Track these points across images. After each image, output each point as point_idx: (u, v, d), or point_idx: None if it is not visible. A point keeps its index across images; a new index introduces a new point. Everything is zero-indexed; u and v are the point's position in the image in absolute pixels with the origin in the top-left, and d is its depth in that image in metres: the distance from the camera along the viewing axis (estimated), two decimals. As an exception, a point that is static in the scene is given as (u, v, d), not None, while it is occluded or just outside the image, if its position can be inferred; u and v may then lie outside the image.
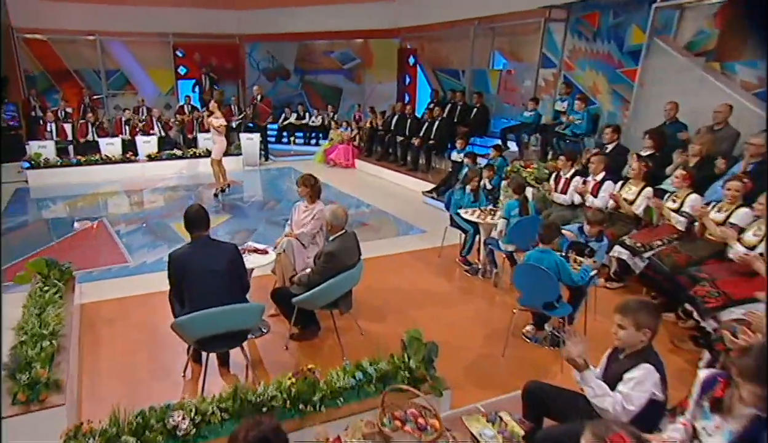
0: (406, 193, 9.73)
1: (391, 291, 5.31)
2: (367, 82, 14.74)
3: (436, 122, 10.26)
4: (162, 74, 14.69)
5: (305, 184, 4.85)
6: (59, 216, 8.07)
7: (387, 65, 13.99)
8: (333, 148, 12.57)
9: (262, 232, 7.25)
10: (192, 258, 3.24)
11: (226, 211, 8.43)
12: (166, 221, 7.72)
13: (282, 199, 9.27)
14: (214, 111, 8.95)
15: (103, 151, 10.99)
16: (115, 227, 7.44)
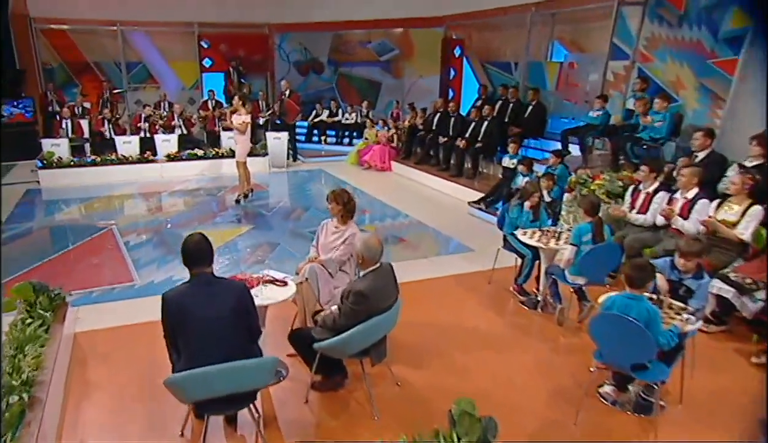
0: (449, 202, 9.13)
1: (432, 326, 4.74)
2: (406, 76, 14.19)
3: (484, 122, 9.61)
4: (186, 67, 14.56)
5: (337, 200, 4.35)
6: (67, 222, 7.85)
7: (429, 57, 13.41)
8: (368, 149, 12.08)
9: (286, 247, 6.79)
10: (190, 301, 2.77)
11: (248, 220, 8.04)
12: (180, 231, 7.36)
13: (310, 206, 8.82)
14: (238, 108, 8.59)
15: (120, 150, 10.82)
16: (125, 237, 7.14)
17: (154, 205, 8.86)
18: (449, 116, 10.76)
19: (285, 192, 10.20)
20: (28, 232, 7.36)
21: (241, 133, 8.68)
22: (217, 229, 7.50)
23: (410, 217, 8.17)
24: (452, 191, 9.50)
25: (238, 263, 6.22)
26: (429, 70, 13.56)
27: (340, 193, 4.39)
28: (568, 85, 9.57)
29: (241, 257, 6.44)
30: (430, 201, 9.26)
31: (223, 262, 6.24)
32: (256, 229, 7.56)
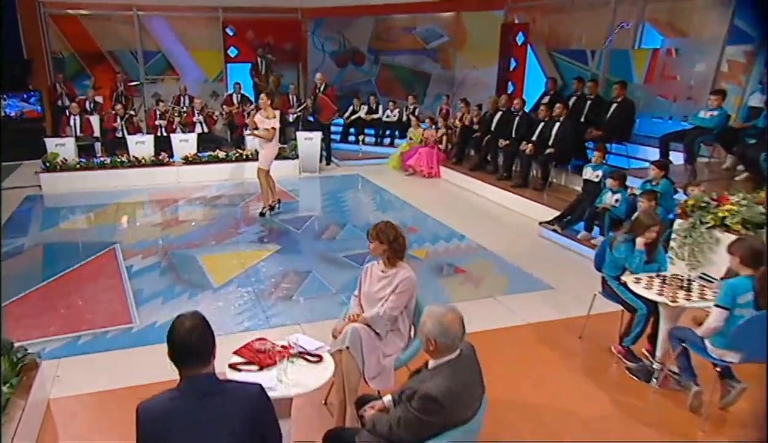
0: (513, 219, 8.14)
1: (506, 403, 3.80)
2: (457, 67, 13.24)
3: (556, 123, 8.56)
4: (209, 56, 14.01)
5: (380, 238, 3.48)
6: (64, 238, 7.22)
7: (485, 45, 12.40)
8: (412, 151, 11.17)
9: (318, 276, 5.96)
10: (175, 423, 1.92)
11: (273, 239, 7.25)
12: (194, 253, 6.64)
13: (346, 221, 7.98)
14: (265, 107, 7.81)
15: (132, 150, 10.24)
16: (129, 259, 6.46)
17: (166, 217, 8.18)
18: (512, 115, 9.75)
19: (317, 202, 9.39)
20: (18, 252, 6.74)
21: (268, 140, 7.91)
22: (236, 250, 6.74)
23: (468, 239, 7.22)
24: (516, 205, 8.51)
25: (259, 299, 5.41)
26: (484, 60, 12.56)
27: (384, 228, 3.50)
28: (663, 77, 8.45)
29: (263, 290, 5.63)
30: (490, 217, 8.30)
31: (241, 298, 5.45)
32: (282, 252, 6.76)
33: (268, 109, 7.89)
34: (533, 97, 10.99)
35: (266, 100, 7.88)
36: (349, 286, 5.62)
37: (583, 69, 10.31)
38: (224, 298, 5.47)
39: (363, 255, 6.49)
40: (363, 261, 6.24)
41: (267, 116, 7.86)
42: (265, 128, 7.76)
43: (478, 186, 9.56)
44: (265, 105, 7.87)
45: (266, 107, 7.88)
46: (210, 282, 5.83)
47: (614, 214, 6.30)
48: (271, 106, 7.86)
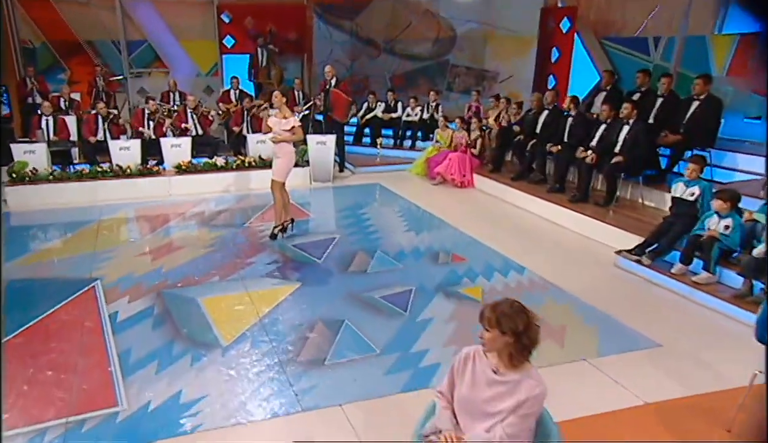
0: (576, 243, 7.10)
1: None
2: (488, 57, 12.17)
3: (623, 125, 7.51)
4: (202, 47, 12.97)
5: (502, 325, 2.43)
6: (30, 274, 6.12)
7: (520, 32, 11.39)
8: (441, 156, 10.13)
9: (354, 328, 4.91)
10: None
11: (290, 271, 6.19)
12: (193, 294, 5.58)
13: (375, 246, 6.92)
14: (280, 106, 6.82)
15: (115, 157, 9.14)
16: (112, 303, 5.39)
17: (157, 242, 7.09)
18: (563, 115, 8.72)
19: (335, 221, 8.34)
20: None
21: (288, 141, 6.91)
22: (246, 289, 5.68)
23: (528, 272, 6.17)
24: (575, 225, 7.49)
25: (283, 365, 4.35)
26: (519, 50, 11.54)
27: (509, 311, 2.43)
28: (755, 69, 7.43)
29: (287, 351, 4.58)
30: (546, 240, 7.26)
31: (259, 362, 4.39)
32: (303, 291, 5.69)
33: (284, 108, 6.93)
34: (579, 92, 9.97)
35: (281, 98, 6.92)
36: (397, 344, 4.62)
37: (643, 60, 9.31)
38: (237, 363, 4.40)
39: (404, 295, 5.49)
40: (406, 304, 5.25)
41: (284, 116, 6.85)
42: (285, 130, 6.74)
43: (524, 199, 8.54)
44: (280, 103, 6.91)
45: (282, 106, 6.91)
46: (217, 338, 4.76)
47: (724, 245, 5.28)
48: (286, 105, 6.84)
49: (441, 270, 6.22)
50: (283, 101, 6.92)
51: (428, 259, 6.56)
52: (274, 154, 7.11)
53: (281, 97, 6.92)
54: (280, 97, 6.91)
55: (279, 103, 6.90)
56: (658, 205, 7.52)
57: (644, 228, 6.67)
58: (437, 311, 5.25)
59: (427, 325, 5.00)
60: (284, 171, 7.06)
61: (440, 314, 5.20)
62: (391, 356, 4.49)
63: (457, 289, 5.72)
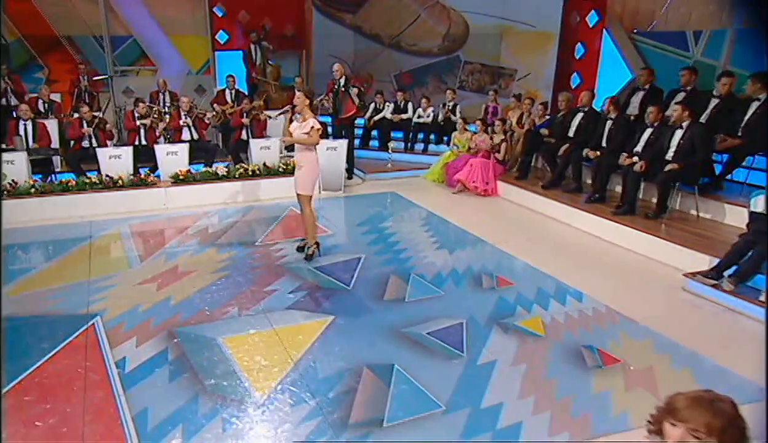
0: (633, 262, 6.51)
1: None
2: (504, 54, 11.57)
3: (675, 129, 6.95)
4: (192, 43, 12.25)
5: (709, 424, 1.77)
6: (14, 309, 5.34)
7: (540, 26, 10.81)
8: (460, 162, 9.51)
9: (410, 379, 4.24)
10: None
11: (318, 302, 5.50)
12: (211, 332, 4.89)
13: (407, 268, 6.28)
14: (303, 110, 6.15)
15: (104, 167, 8.36)
16: (118, 346, 4.68)
17: (160, 266, 6.35)
18: (599, 117, 8.17)
19: (357, 236, 7.63)
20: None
21: (310, 149, 6.24)
22: (272, 325, 5.00)
23: (588, 299, 5.56)
24: (623, 240, 6.92)
25: (335, 430, 3.68)
26: (538, 46, 10.96)
27: (713, 408, 1.80)
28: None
29: (335, 406, 3.90)
30: (595, 258, 6.66)
31: (302, 423, 3.71)
32: (337, 326, 5.03)
33: (307, 111, 6.20)
34: (609, 91, 9.44)
35: (304, 100, 6.21)
36: (463, 396, 4.05)
37: (680, 57, 8.78)
38: (279, 427, 3.72)
39: (455, 330, 4.91)
40: (460, 342, 4.64)
41: (304, 119, 6.20)
42: (306, 132, 6.09)
43: (559, 209, 7.97)
44: (303, 106, 6.19)
45: (304, 109, 6.19)
46: (249, 392, 4.08)
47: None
48: (309, 107, 6.17)
49: (488, 298, 5.60)
50: (306, 104, 6.20)
51: (470, 284, 5.93)
52: (297, 165, 6.41)
53: (304, 98, 6.19)
54: (303, 98, 6.18)
55: (302, 106, 6.19)
56: (714, 217, 7.01)
57: (706, 244, 6.16)
58: (499, 351, 4.62)
59: (492, 370, 4.36)
60: (309, 182, 6.39)
61: (503, 355, 4.57)
62: (461, 413, 3.85)
63: (514, 322, 5.10)
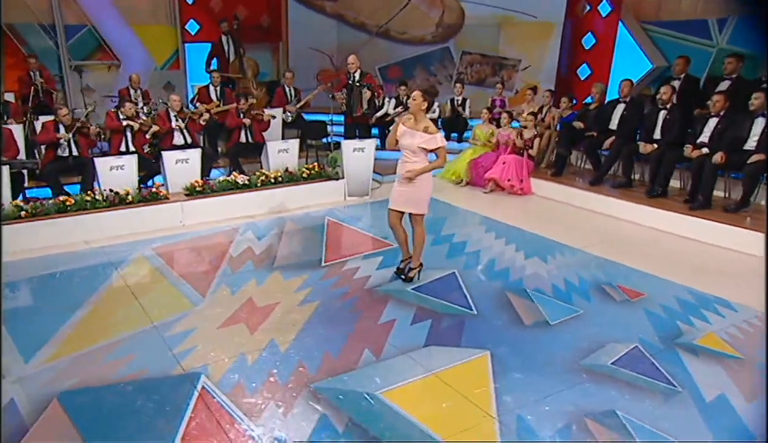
0: (745, 262, 6.06)
1: None
2: (503, 43, 10.99)
3: (757, 117, 6.64)
4: (158, 34, 10.63)
5: None
6: (73, 379, 3.99)
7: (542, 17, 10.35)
8: (488, 159, 8.84)
9: (651, 430, 3.48)
10: None
11: (455, 336, 4.59)
12: (359, 385, 3.88)
13: (515, 283, 5.53)
14: (417, 111, 5.07)
15: (103, 181, 6.86)
16: (255, 415, 3.55)
17: (229, 302, 5.11)
18: (642, 106, 7.83)
19: (425, 248, 6.67)
20: None
21: (424, 158, 5.19)
22: (428, 370, 4.05)
23: (744, 308, 5.03)
24: (708, 236, 6.52)
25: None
26: (540, 37, 10.50)
27: None
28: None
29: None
30: (696, 257, 6.19)
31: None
32: (503, 364, 4.15)
33: (422, 117, 5.11)
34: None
35: (421, 101, 5.01)
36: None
37: (702, 46, 8.62)
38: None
39: (640, 359, 4.21)
40: (660, 373, 3.94)
41: (425, 128, 5.07)
42: (423, 147, 5.03)
43: (618, 206, 7.51)
44: (418, 109, 5.05)
45: (418, 112, 5.08)
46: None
47: None
48: (429, 108, 5.15)
49: (633, 313, 4.95)
50: (423, 106, 5.03)
51: (599, 297, 5.25)
52: (404, 178, 5.20)
53: (422, 99, 4.99)
54: (420, 99, 4.99)
55: (416, 108, 5.03)
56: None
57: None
58: (708, 380, 3.96)
59: (724, 407, 3.69)
60: (425, 200, 5.27)
61: (717, 384, 3.91)
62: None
63: (692, 341, 4.48)
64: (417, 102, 4.97)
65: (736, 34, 8.41)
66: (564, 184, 8.28)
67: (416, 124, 5.06)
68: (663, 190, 7.36)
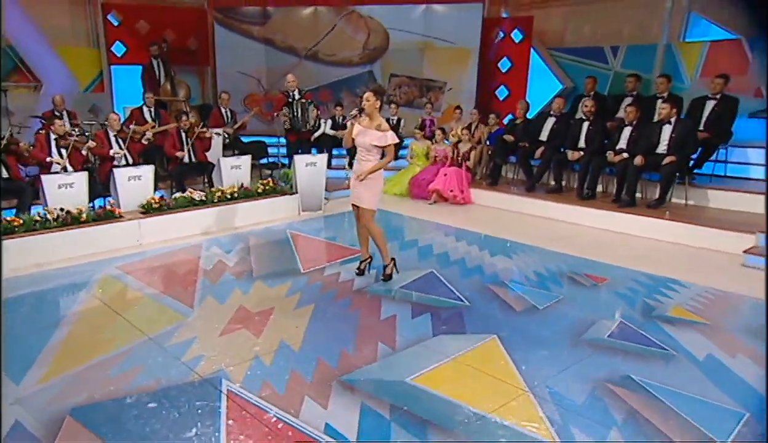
0: (673, 249, 6.59)
1: None
2: (426, 67, 11.32)
3: (664, 125, 7.32)
4: (81, 55, 9.90)
5: None
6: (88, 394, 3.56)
7: (459, 43, 10.85)
8: (430, 174, 9.03)
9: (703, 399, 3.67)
10: None
11: (459, 324, 4.60)
12: (385, 375, 3.79)
13: (494, 277, 5.65)
14: (372, 111, 5.12)
15: (51, 200, 6.22)
16: (296, 411, 3.33)
17: (223, 312, 4.77)
18: (570, 120, 8.37)
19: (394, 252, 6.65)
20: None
21: (376, 155, 5.25)
22: (448, 356, 4.02)
23: (696, 287, 5.45)
24: (636, 229, 7.07)
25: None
26: (458, 61, 10.97)
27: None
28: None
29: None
30: (634, 249, 6.63)
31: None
32: (513, 343, 4.20)
33: (377, 116, 5.19)
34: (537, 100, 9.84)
35: (374, 101, 5.10)
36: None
37: (600, 69, 9.46)
38: None
39: (629, 330, 4.43)
40: (652, 342, 4.19)
41: (378, 126, 5.14)
42: (375, 145, 5.13)
43: (554, 209, 7.92)
44: (373, 108, 5.13)
45: (374, 112, 5.15)
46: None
47: None
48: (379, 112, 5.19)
49: (603, 295, 5.26)
50: (377, 105, 5.16)
51: (570, 284, 5.49)
52: (354, 175, 5.34)
53: (374, 98, 5.10)
54: (373, 98, 5.09)
55: (371, 108, 5.12)
56: (698, 203, 7.51)
57: (724, 225, 6.49)
58: (693, 343, 4.24)
59: (716, 364, 3.98)
60: (375, 196, 5.36)
61: (702, 346, 4.21)
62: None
63: (663, 313, 4.80)
64: (371, 102, 5.04)
65: (627, 59, 9.29)
66: (501, 192, 8.62)
67: (370, 123, 5.12)
68: (592, 193, 7.88)
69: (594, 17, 9.78)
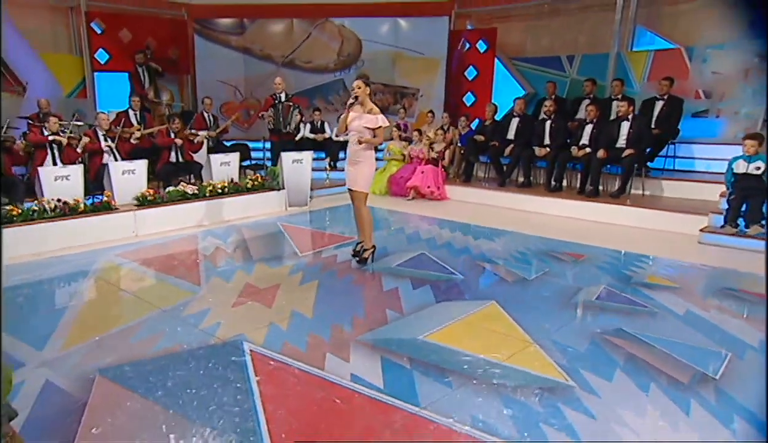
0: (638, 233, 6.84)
1: None
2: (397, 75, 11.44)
3: (622, 122, 7.64)
4: (64, 62, 9.61)
5: None
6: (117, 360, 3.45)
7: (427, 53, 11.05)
8: (406, 171, 9.12)
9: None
10: None
11: (457, 292, 4.66)
12: (401, 334, 3.82)
13: (484, 254, 5.74)
14: (363, 100, 5.13)
15: (48, 192, 6.00)
16: (328, 367, 3.32)
17: (233, 287, 4.69)
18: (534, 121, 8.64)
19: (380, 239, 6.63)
20: None
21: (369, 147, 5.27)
22: (454, 317, 4.07)
23: (666, 259, 5.70)
24: (601, 215, 7.30)
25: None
26: (427, 70, 11.16)
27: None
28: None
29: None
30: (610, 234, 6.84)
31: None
32: (512, 306, 4.28)
33: (368, 101, 5.23)
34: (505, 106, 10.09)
35: (365, 88, 5.14)
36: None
37: (558, 76, 9.82)
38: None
39: (610, 293, 4.58)
40: (635, 303, 4.36)
41: (369, 111, 5.19)
42: (367, 127, 5.13)
43: (526, 201, 8.07)
44: (364, 95, 5.17)
45: (365, 97, 5.19)
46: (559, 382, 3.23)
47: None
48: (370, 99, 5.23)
49: (585, 268, 5.37)
50: (367, 91, 5.18)
51: (552, 260, 5.60)
52: (351, 160, 5.35)
53: (365, 85, 5.13)
54: (364, 86, 5.12)
55: (363, 94, 5.14)
56: (653, 193, 7.84)
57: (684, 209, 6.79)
58: (671, 302, 4.43)
59: (695, 317, 4.18)
60: (367, 179, 5.36)
61: (679, 304, 4.41)
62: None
63: (641, 280, 5.00)
64: (362, 89, 5.09)
65: (583, 67, 9.66)
66: (474, 187, 8.79)
67: (363, 108, 5.15)
68: (559, 185, 8.12)
69: (551, 30, 10.13)
